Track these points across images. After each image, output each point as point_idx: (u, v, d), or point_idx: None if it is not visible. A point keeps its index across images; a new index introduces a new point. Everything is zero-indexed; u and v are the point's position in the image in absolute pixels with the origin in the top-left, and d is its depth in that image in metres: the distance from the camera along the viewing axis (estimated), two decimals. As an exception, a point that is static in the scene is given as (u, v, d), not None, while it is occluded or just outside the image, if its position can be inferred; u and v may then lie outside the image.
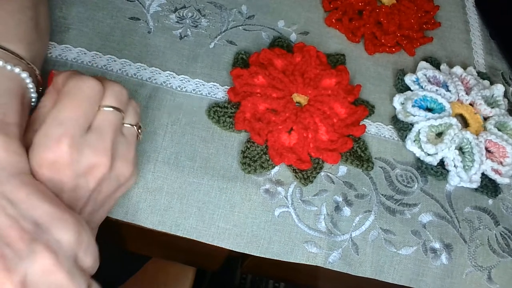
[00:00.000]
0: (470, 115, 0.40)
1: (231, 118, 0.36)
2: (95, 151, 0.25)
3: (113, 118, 0.27)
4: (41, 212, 0.23)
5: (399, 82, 0.42)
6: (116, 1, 0.40)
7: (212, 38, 0.40)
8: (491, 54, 0.48)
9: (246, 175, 0.34)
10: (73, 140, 0.24)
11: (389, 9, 0.44)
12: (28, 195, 0.23)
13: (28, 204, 0.23)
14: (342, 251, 0.34)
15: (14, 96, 0.26)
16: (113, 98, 0.27)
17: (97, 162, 0.26)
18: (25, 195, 0.23)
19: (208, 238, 0.33)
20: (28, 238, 0.22)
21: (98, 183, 0.26)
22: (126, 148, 0.28)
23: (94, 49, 0.37)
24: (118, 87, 0.27)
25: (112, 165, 0.26)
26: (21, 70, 0.26)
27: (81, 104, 0.25)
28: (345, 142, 0.35)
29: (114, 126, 0.27)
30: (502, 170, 0.38)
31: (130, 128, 0.28)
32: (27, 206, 0.23)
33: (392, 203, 0.36)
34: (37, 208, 0.23)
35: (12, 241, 0.22)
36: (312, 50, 0.39)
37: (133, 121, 0.29)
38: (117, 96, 0.27)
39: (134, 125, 0.29)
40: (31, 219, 0.23)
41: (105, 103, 0.26)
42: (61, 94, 0.26)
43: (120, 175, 0.28)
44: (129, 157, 0.28)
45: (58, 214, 0.23)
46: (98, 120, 0.26)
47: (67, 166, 0.25)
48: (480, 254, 0.36)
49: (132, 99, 0.29)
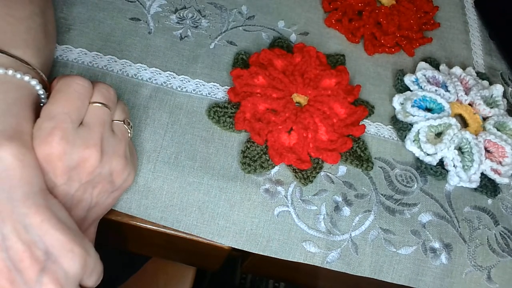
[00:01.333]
0: (469, 115, 0.40)
1: (231, 118, 0.36)
2: (86, 144, 0.26)
3: (102, 113, 0.28)
4: (53, 240, 0.24)
5: (399, 82, 0.42)
6: (117, 1, 0.40)
7: (212, 39, 0.40)
8: (490, 55, 0.48)
9: (246, 175, 0.35)
10: (65, 132, 0.25)
11: (388, 9, 0.45)
12: (42, 222, 0.24)
13: (41, 231, 0.23)
14: (341, 250, 0.34)
15: (25, 104, 0.26)
16: (101, 95, 0.28)
17: (88, 154, 0.26)
18: (40, 221, 0.23)
19: (208, 235, 0.33)
20: (38, 268, 0.23)
21: (90, 177, 0.27)
22: (116, 143, 0.29)
23: (94, 49, 0.37)
24: (105, 86, 0.29)
25: (102, 159, 0.27)
26: (30, 78, 0.26)
27: (71, 99, 0.26)
28: (345, 142, 0.36)
29: (103, 121, 0.28)
30: (501, 170, 0.38)
31: (119, 124, 0.30)
32: (41, 232, 0.23)
33: (392, 203, 0.36)
34: (50, 236, 0.24)
35: (23, 268, 0.23)
36: (312, 50, 0.39)
37: (121, 117, 0.30)
38: (104, 94, 0.28)
39: (122, 121, 0.30)
40: (43, 247, 0.23)
41: (94, 100, 0.28)
42: (53, 91, 0.27)
43: (112, 169, 0.28)
44: (120, 152, 0.29)
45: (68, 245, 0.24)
46: (88, 116, 0.27)
47: (59, 159, 0.25)
48: (479, 254, 0.36)
49: (120, 100, 0.31)
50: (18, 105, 0.25)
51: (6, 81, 0.25)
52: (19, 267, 0.23)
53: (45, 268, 0.23)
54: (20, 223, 0.23)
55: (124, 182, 0.30)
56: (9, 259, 0.23)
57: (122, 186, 0.30)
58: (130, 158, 0.30)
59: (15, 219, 0.23)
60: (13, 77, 0.26)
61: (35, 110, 0.27)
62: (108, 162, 0.28)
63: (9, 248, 0.23)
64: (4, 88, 0.25)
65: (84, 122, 0.27)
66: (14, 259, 0.23)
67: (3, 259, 0.23)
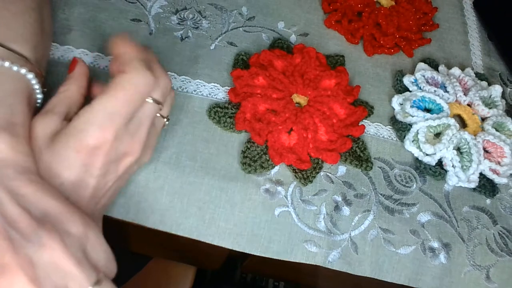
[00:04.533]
0: (468, 115, 0.40)
1: (231, 119, 0.36)
2: (132, 140, 0.27)
3: (153, 110, 0.28)
4: (49, 206, 0.23)
5: (398, 83, 0.42)
6: (118, 2, 0.40)
7: (212, 40, 0.40)
8: (489, 56, 0.48)
9: (247, 175, 0.35)
10: (118, 130, 0.26)
11: (387, 11, 0.45)
12: (36, 192, 0.23)
13: (36, 198, 0.23)
14: (342, 250, 0.34)
15: (21, 97, 0.26)
16: (161, 93, 0.28)
17: (131, 150, 0.27)
18: (33, 191, 0.23)
19: (209, 238, 0.33)
20: (36, 224, 0.22)
21: (126, 170, 0.28)
22: (152, 136, 0.29)
23: (96, 50, 0.37)
24: (167, 80, 0.28)
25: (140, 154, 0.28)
26: (27, 71, 0.27)
27: (133, 100, 0.26)
28: (345, 142, 0.36)
29: (152, 118, 0.28)
30: (500, 170, 0.38)
31: (160, 119, 0.30)
32: (36, 200, 0.23)
33: (391, 202, 0.36)
34: (46, 203, 0.23)
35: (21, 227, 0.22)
36: (311, 51, 0.39)
37: (165, 113, 0.30)
38: (163, 92, 0.28)
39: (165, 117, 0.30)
40: (40, 210, 0.23)
41: (153, 96, 0.27)
42: (116, 84, 0.26)
43: (142, 161, 0.29)
44: (153, 145, 0.29)
45: (65, 209, 0.24)
46: (141, 111, 0.27)
47: (105, 153, 0.25)
48: (478, 254, 0.36)
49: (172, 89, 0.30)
50: (13, 97, 0.26)
51: (1, 73, 0.25)
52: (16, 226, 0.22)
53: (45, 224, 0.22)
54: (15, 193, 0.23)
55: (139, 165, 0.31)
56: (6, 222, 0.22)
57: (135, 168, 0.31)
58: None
59: (10, 189, 0.23)
60: (9, 69, 0.26)
61: (29, 103, 0.27)
62: (143, 156, 0.28)
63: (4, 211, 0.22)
64: (1, 79, 0.25)
65: (135, 116, 0.27)
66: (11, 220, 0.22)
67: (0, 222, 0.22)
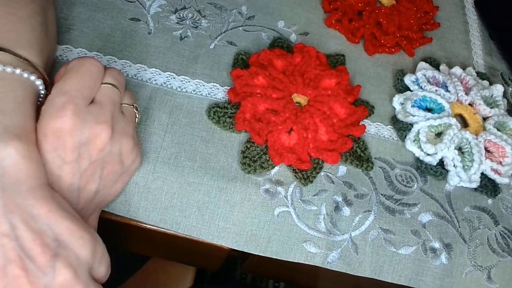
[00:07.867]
0: (469, 115, 0.40)
1: (231, 119, 0.36)
2: (97, 120, 0.27)
3: (113, 93, 0.29)
4: (62, 228, 0.24)
5: (399, 82, 0.42)
6: (117, 2, 0.40)
7: (212, 39, 0.40)
8: (490, 55, 0.48)
9: (246, 175, 0.35)
10: (77, 108, 0.26)
11: (388, 9, 0.45)
12: (50, 212, 0.24)
13: (49, 220, 0.24)
14: (342, 251, 0.34)
15: (31, 103, 0.26)
16: (112, 77, 0.29)
17: (99, 130, 0.27)
18: (47, 211, 0.24)
19: (208, 236, 0.33)
20: (50, 254, 0.23)
21: (100, 154, 0.27)
22: (125, 123, 0.29)
23: (94, 49, 0.37)
24: (117, 70, 0.30)
25: (113, 137, 0.28)
26: (36, 77, 0.27)
27: (84, 77, 0.27)
28: (345, 142, 0.36)
29: (113, 101, 0.29)
30: (502, 170, 0.38)
31: (128, 107, 0.31)
32: (49, 221, 0.24)
33: (392, 203, 0.36)
34: (58, 224, 0.24)
35: (35, 256, 0.23)
36: (312, 50, 0.39)
37: (129, 102, 0.31)
38: (115, 77, 0.29)
39: (131, 105, 0.31)
40: (52, 234, 0.24)
41: (106, 81, 0.29)
42: (66, 70, 0.27)
43: (122, 149, 0.29)
44: (129, 132, 0.29)
45: (77, 232, 0.25)
46: (99, 95, 0.28)
47: (70, 134, 0.26)
48: (479, 254, 0.36)
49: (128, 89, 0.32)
50: (25, 104, 0.26)
51: (14, 80, 0.26)
52: (31, 255, 0.23)
53: (57, 254, 0.24)
54: (28, 214, 0.23)
55: (132, 163, 0.30)
56: (20, 248, 0.23)
57: (130, 169, 0.31)
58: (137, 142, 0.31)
59: (23, 210, 0.23)
60: (20, 76, 0.26)
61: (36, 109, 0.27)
62: (118, 141, 0.28)
63: (19, 237, 0.23)
64: (13, 86, 0.26)
65: (95, 100, 0.28)
66: (25, 247, 0.23)
67: (14, 248, 0.23)
